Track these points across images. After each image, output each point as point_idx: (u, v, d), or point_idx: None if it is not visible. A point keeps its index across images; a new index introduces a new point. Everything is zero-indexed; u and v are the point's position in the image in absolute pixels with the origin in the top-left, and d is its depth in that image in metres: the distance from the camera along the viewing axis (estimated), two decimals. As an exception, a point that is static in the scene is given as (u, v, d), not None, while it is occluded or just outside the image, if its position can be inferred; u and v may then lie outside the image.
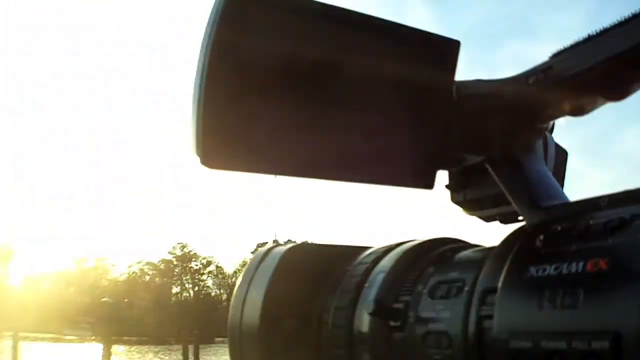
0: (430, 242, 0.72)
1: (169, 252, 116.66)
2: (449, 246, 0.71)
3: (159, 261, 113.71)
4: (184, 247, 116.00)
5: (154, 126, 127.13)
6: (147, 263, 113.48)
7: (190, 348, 20.94)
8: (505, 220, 0.71)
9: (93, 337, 42.64)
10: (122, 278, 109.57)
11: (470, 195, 0.72)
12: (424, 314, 0.63)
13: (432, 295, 0.64)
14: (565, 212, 0.60)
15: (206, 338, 55.59)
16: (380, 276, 0.70)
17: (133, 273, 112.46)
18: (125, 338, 52.38)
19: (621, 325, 0.42)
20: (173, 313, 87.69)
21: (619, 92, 0.56)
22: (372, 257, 0.75)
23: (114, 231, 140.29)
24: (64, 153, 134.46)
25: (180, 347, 22.95)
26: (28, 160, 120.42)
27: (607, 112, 0.69)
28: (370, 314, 0.67)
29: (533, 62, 0.62)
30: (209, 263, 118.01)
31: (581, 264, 0.48)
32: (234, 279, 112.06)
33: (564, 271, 0.49)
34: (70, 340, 48.86)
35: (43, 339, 46.93)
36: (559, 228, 0.54)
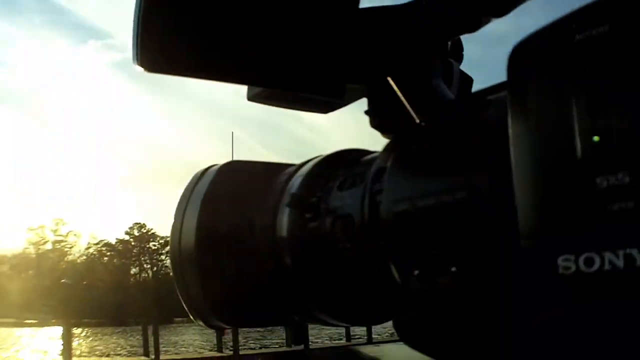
0: (341, 151, 0.82)
1: (126, 233, 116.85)
2: (358, 153, 0.81)
3: (116, 242, 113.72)
4: (141, 227, 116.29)
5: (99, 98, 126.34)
6: (105, 244, 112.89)
7: (150, 328, 21.43)
8: None
9: (53, 320, 42.83)
10: (81, 260, 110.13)
11: (385, 118, 0.76)
12: (333, 204, 0.72)
13: (340, 188, 0.72)
14: (450, 105, 0.68)
15: (165, 318, 56.14)
16: (299, 179, 0.80)
17: (91, 255, 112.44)
18: (85, 320, 52.65)
19: (476, 181, 0.53)
20: (132, 294, 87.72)
21: (501, 9, 0.62)
22: (294, 168, 0.85)
23: (70, 212, 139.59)
24: (22, 137, 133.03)
25: (139, 327, 23.57)
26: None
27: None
28: (287, 205, 0.76)
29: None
30: (167, 243, 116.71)
31: (450, 139, 0.58)
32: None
33: (437, 145, 0.59)
34: (30, 325, 49.07)
35: (2, 324, 47.04)
36: (439, 118, 0.64)
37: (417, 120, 0.67)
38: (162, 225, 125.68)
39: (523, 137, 0.42)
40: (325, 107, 0.82)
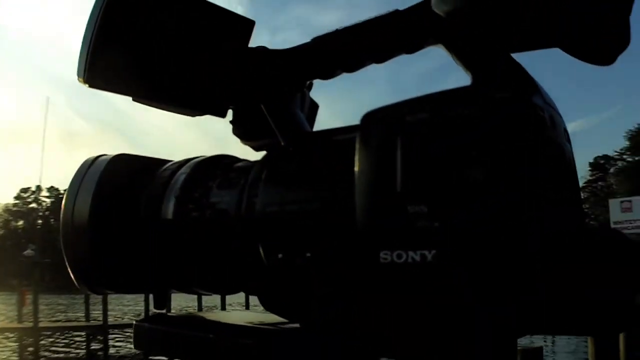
0: (218, 156, 0.95)
1: None
2: (231, 159, 0.94)
3: None
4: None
5: None
6: None
7: None
8: (269, 149, 0.88)
9: None
10: None
11: (246, 129, 0.93)
12: (213, 199, 0.85)
13: (219, 187, 0.86)
14: (310, 135, 0.87)
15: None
16: (182, 176, 0.91)
17: None
18: None
19: (327, 195, 0.71)
20: None
21: (353, 66, 0.81)
22: (176, 165, 0.96)
23: None
24: None
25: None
26: None
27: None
28: (176, 197, 0.89)
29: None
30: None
31: (312, 163, 0.75)
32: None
33: (302, 166, 0.76)
34: None
35: None
36: (302, 143, 0.81)
37: (282, 143, 0.83)
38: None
39: (364, 172, 0.62)
40: (195, 111, 0.95)
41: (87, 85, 0.79)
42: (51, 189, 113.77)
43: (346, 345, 0.69)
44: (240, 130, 0.95)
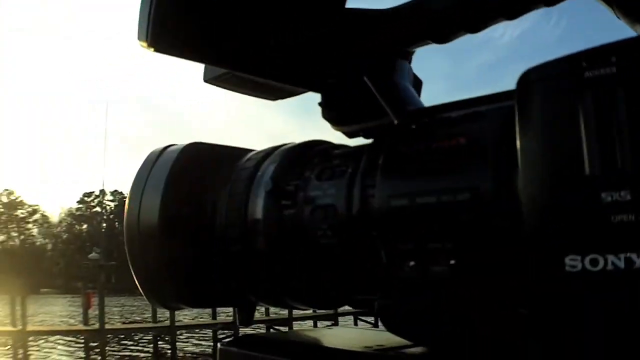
0: (311, 141, 0.83)
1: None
2: (327, 144, 0.82)
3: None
4: (10, 193, 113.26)
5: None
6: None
7: (18, 298, 21.37)
8: (367, 135, 0.78)
9: None
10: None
11: (339, 112, 0.80)
12: (312, 193, 0.73)
13: (319, 178, 0.73)
14: (429, 110, 0.71)
15: (33, 288, 55.04)
16: (271, 167, 0.79)
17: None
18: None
19: (478, 183, 0.56)
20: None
21: (477, 25, 0.67)
22: (261, 154, 0.84)
23: None
24: None
25: (6, 297, 23.54)
26: None
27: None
28: (268, 191, 0.76)
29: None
30: (34, 211, 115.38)
31: (446, 141, 0.61)
32: (59, 228, 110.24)
33: (433, 146, 0.61)
34: None
35: None
36: (425, 119, 0.68)
37: (395, 121, 0.72)
38: (31, 193, 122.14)
39: (532, 150, 0.48)
40: (275, 94, 0.87)
41: (151, 49, 0.68)
42: (115, 193, 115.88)
43: None
44: (333, 113, 0.83)
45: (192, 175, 0.85)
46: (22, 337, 19.96)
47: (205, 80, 0.83)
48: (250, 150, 0.89)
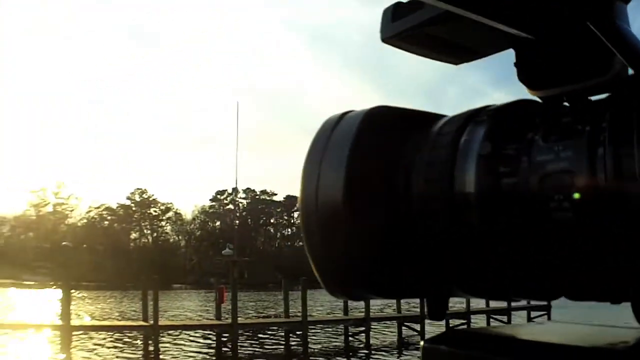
0: (523, 100, 0.73)
1: (128, 198, 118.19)
2: (538, 104, 0.72)
3: (117, 206, 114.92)
4: (143, 192, 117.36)
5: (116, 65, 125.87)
6: (106, 208, 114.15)
7: (150, 294, 21.34)
8: (573, 99, 0.69)
9: (52, 283, 42.65)
10: (81, 223, 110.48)
11: (537, 73, 0.70)
12: (540, 157, 0.63)
13: (546, 139, 0.64)
14: None
15: (164, 284, 56.41)
16: (480, 129, 0.70)
17: (92, 218, 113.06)
18: (84, 283, 52.52)
19: None
20: (132, 259, 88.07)
21: None
22: (462, 117, 0.74)
23: (73, 175, 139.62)
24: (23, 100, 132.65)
25: (138, 292, 23.35)
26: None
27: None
28: (483, 155, 0.67)
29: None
30: (167, 209, 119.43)
31: None
32: (192, 225, 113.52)
33: None
34: (29, 286, 48.96)
35: (1, 285, 46.90)
36: None
37: (631, 70, 0.62)
38: (163, 191, 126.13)
39: None
40: (458, 58, 0.76)
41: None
42: (247, 190, 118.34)
43: None
44: (528, 74, 0.74)
45: (379, 141, 0.76)
46: (154, 332, 19.78)
47: (383, 40, 0.78)
48: (442, 116, 0.80)
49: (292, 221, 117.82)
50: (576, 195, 0.59)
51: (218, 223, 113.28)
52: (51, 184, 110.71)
